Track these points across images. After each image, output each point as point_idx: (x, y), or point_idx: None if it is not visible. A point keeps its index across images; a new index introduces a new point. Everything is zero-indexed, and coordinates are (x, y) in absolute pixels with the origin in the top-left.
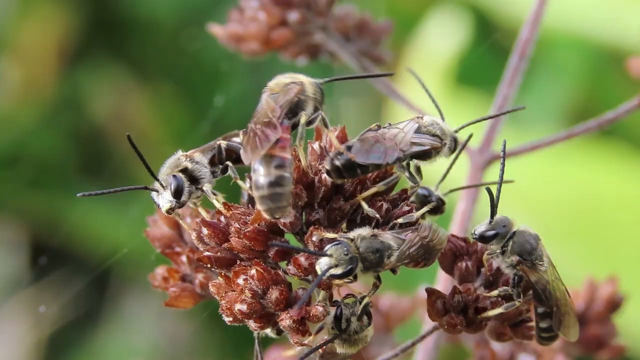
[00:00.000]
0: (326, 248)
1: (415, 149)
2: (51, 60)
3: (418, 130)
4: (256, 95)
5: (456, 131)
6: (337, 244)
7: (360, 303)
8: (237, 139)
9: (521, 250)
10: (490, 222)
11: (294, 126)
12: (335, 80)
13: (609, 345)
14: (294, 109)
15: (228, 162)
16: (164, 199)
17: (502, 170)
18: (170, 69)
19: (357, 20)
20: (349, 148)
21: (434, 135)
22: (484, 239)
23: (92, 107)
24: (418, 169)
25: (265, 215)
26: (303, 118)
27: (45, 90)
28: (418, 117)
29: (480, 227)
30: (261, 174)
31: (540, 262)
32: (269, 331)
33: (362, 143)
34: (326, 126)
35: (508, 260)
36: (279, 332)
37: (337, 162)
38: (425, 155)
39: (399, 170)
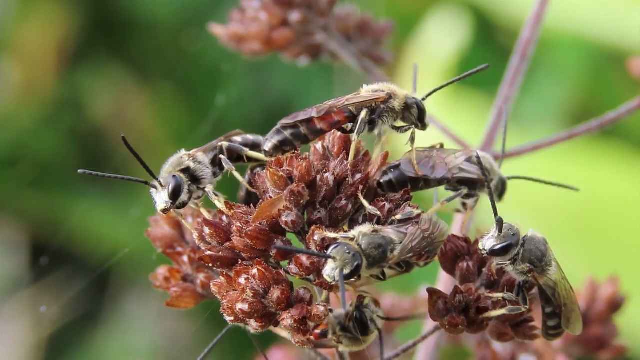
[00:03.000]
0: (328, 252)
1: (463, 174)
2: (51, 60)
3: (468, 160)
4: (256, 96)
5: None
6: (336, 247)
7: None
8: (238, 139)
9: (532, 258)
10: (499, 234)
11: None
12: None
13: (609, 345)
14: (370, 113)
15: (221, 156)
16: (161, 199)
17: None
18: (171, 69)
19: (358, 20)
20: (396, 166)
21: (480, 164)
22: (495, 253)
23: (92, 107)
24: (464, 205)
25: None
26: (364, 113)
27: (45, 90)
28: (469, 150)
29: (489, 240)
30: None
31: (549, 267)
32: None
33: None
34: (412, 141)
35: (519, 268)
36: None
37: (391, 176)
38: (471, 185)
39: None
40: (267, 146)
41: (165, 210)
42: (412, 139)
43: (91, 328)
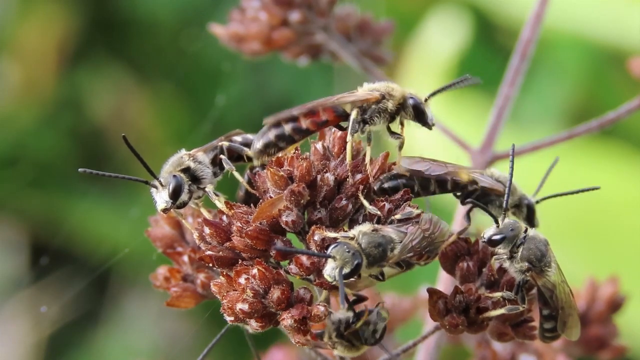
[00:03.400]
0: (328, 251)
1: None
2: (51, 60)
3: (482, 175)
4: (256, 96)
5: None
6: (335, 246)
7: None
8: (238, 138)
9: (531, 257)
10: (499, 227)
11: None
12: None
13: (610, 345)
14: (361, 113)
15: (222, 156)
16: (161, 198)
17: (511, 179)
18: (171, 69)
19: (358, 20)
20: (395, 176)
21: (497, 181)
22: (491, 242)
23: (92, 107)
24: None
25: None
26: (354, 113)
27: (45, 90)
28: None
29: (489, 230)
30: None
31: (549, 268)
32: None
33: (409, 159)
34: (399, 148)
35: (517, 266)
36: None
37: (387, 185)
38: (484, 196)
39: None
40: (253, 150)
41: (165, 210)
42: (400, 147)
43: (91, 328)
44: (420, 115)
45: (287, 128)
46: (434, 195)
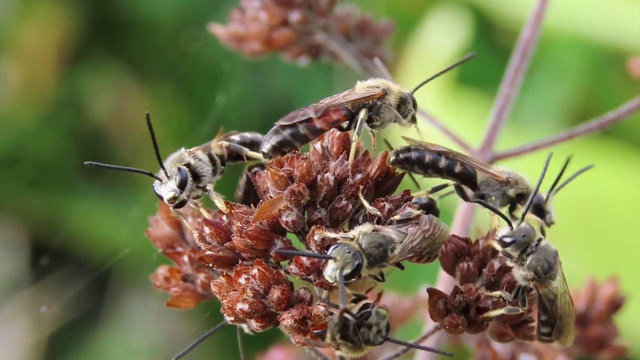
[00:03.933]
0: (329, 252)
1: (471, 162)
2: (51, 60)
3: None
4: (256, 96)
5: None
6: (335, 247)
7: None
8: (236, 137)
9: (538, 268)
10: (513, 229)
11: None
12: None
13: (610, 345)
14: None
15: (224, 142)
16: (167, 188)
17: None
18: (171, 69)
19: (358, 20)
20: (408, 148)
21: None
22: (502, 243)
23: (92, 107)
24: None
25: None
26: (363, 112)
27: (45, 90)
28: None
29: (503, 230)
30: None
31: (553, 280)
32: (245, 327)
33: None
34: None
35: (523, 273)
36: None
37: (401, 156)
38: (488, 185)
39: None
40: (266, 147)
41: (173, 199)
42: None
43: (91, 328)
44: (415, 108)
45: (302, 127)
46: (442, 175)
